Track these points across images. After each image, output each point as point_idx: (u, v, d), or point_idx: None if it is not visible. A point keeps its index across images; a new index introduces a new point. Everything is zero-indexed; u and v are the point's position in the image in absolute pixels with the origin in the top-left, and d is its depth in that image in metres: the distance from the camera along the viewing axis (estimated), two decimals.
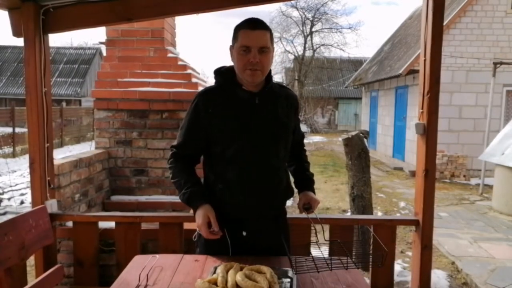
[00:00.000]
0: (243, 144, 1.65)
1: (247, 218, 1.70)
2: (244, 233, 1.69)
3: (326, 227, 2.45)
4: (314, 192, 1.88)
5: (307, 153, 2.04)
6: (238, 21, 1.68)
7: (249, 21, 1.64)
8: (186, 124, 1.75)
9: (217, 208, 1.69)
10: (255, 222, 1.70)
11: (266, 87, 1.70)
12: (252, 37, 1.60)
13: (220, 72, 1.76)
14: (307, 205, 1.81)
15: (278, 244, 1.70)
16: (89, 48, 26.61)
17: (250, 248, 1.68)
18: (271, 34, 1.67)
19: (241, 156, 1.66)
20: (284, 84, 1.93)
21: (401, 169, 11.05)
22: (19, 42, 2.46)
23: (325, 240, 1.72)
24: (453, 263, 4.35)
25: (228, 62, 1.77)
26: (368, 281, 2.37)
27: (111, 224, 2.71)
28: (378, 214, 6.32)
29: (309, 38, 25.66)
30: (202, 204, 1.64)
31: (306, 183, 1.90)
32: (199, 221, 1.61)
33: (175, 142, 1.79)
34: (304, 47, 25.62)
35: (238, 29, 1.65)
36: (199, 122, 1.69)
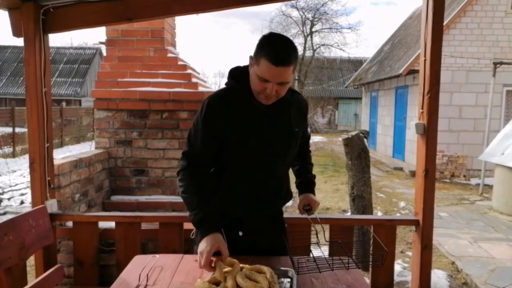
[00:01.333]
0: (253, 153, 1.63)
1: (244, 219, 1.70)
2: (241, 233, 1.69)
3: (326, 228, 2.45)
4: (314, 194, 1.88)
5: None
6: (237, 21, 1.62)
7: (274, 51, 1.46)
8: (201, 128, 1.61)
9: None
10: (252, 223, 1.70)
11: (281, 99, 1.63)
12: (274, 73, 1.47)
13: (234, 76, 1.66)
14: (308, 207, 1.81)
15: (274, 245, 1.70)
16: (89, 48, 26.61)
17: (246, 248, 1.68)
18: (295, 64, 1.53)
19: (250, 165, 1.65)
20: (295, 89, 1.90)
21: (401, 169, 11.05)
22: (19, 42, 2.46)
23: (326, 241, 1.72)
24: (453, 263, 4.35)
25: (226, 62, 1.73)
26: (368, 281, 2.37)
27: (111, 224, 2.71)
28: (378, 214, 6.32)
29: (309, 38, 25.66)
30: (214, 232, 1.51)
31: (308, 185, 1.90)
32: (206, 247, 1.46)
33: (186, 148, 1.65)
34: (304, 47, 25.61)
35: (262, 54, 1.48)
36: (215, 125, 1.60)
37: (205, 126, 1.61)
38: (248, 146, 1.62)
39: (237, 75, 1.66)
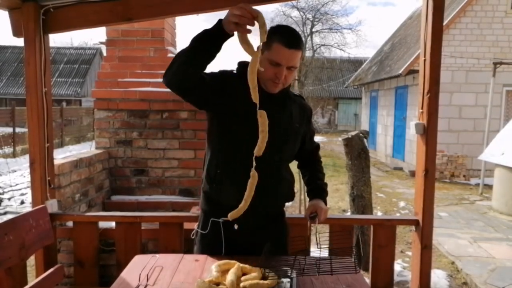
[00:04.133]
0: (252, 134, 1.58)
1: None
2: (236, 227, 1.68)
3: (326, 228, 2.45)
4: (325, 202, 1.85)
5: None
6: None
7: (286, 35, 1.58)
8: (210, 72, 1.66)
9: (212, 197, 1.71)
10: (248, 217, 1.68)
11: (284, 89, 1.69)
12: (286, 56, 1.57)
13: (244, 65, 1.70)
14: (314, 214, 1.79)
15: (274, 245, 1.70)
16: (89, 48, 26.61)
17: (242, 242, 1.68)
18: (303, 52, 1.64)
19: (247, 148, 1.64)
20: (299, 94, 1.92)
21: (401, 169, 11.05)
22: (19, 42, 2.46)
23: (318, 247, 1.67)
24: (453, 263, 4.35)
25: (226, 61, 1.76)
26: (368, 281, 2.37)
27: (111, 224, 2.71)
28: (378, 214, 6.33)
29: (309, 38, 25.65)
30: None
31: (317, 192, 1.88)
32: (232, 10, 1.41)
33: None
34: (304, 47, 25.62)
35: (274, 39, 1.57)
36: (221, 81, 1.65)
37: (216, 74, 1.66)
38: (248, 125, 1.58)
39: (246, 66, 1.70)
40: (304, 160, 1.93)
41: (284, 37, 1.57)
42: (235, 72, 1.75)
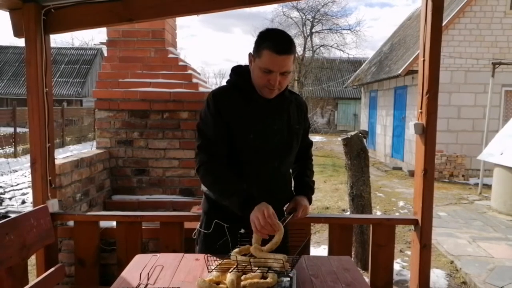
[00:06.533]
0: (256, 148, 1.66)
1: (246, 216, 1.71)
2: (243, 231, 1.70)
3: (326, 227, 2.46)
4: (309, 199, 1.83)
5: None
6: (236, 22, 1.66)
7: (275, 41, 1.56)
8: (210, 118, 1.65)
9: (219, 203, 1.71)
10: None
11: (281, 94, 1.70)
12: (276, 62, 1.55)
13: (238, 72, 1.72)
14: (293, 210, 1.77)
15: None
16: (90, 49, 26.63)
17: (246, 244, 1.69)
18: (295, 54, 1.63)
19: (253, 159, 1.66)
20: (293, 90, 1.93)
21: (400, 168, 11.06)
22: (21, 42, 2.47)
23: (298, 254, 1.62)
24: (452, 262, 4.37)
25: (226, 62, 1.76)
26: (367, 280, 2.38)
27: (112, 224, 2.72)
28: (377, 213, 6.34)
29: (309, 38, 25.64)
30: (257, 203, 1.56)
31: (302, 188, 1.86)
32: (261, 208, 1.51)
33: (200, 141, 1.69)
34: (304, 48, 25.58)
35: (263, 46, 1.56)
36: (222, 113, 1.64)
37: (214, 115, 1.65)
38: (252, 138, 1.64)
39: (240, 72, 1.72)
40: (296, 157, 1.94)
41: (273, 43, 1.54)
42: (225, 84, 1.75)
